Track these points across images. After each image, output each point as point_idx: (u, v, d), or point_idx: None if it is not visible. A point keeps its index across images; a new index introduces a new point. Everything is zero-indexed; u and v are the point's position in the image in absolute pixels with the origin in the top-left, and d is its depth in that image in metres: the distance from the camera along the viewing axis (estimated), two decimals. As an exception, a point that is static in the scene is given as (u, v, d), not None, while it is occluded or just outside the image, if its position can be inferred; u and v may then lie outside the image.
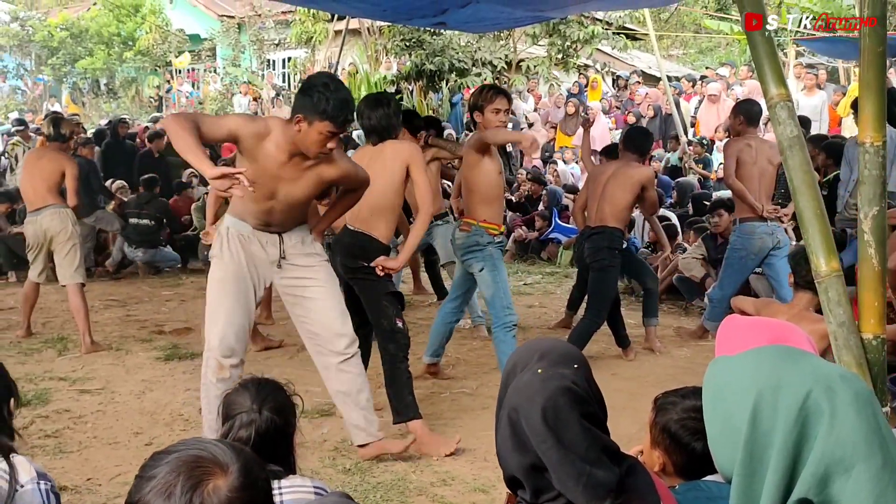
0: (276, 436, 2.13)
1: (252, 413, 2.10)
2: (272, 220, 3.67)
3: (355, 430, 3.90)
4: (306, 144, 3.39)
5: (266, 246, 3.70)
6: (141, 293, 8.04)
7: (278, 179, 3.50)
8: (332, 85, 3.36)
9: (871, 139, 2.32)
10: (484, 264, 4.73)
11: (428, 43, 14.62)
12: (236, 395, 2.18)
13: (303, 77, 19.04)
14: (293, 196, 3.58)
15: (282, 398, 2.21)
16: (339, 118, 3.32)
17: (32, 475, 2.13)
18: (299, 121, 3.34)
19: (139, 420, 4.52)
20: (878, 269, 2.29)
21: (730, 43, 20.85)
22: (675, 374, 5.28)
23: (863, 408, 1.21)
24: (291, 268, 3.74)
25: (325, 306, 3.75)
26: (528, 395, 1.52)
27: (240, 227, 3.69)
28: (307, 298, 3.76)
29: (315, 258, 3.79)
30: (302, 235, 3.78)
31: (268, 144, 3.42)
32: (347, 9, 7.47)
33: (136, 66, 22.77)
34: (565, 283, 8.53)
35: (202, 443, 1.27)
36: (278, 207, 3.61)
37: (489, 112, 4.59)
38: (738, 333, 1.72)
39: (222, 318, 3.63)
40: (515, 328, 4.76)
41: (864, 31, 2.34)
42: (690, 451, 1.92)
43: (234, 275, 3.66)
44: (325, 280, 3.79)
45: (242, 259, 3.67)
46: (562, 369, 1.54)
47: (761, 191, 5.75)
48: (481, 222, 4.73)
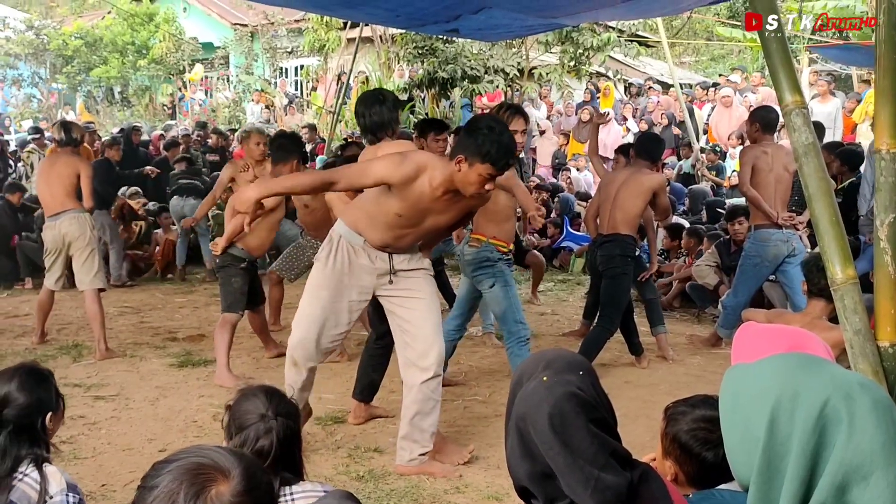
0: (293, 441, 2.13)
1: (269, 420, 2.10)
2: (397, 245, 3.73)
3: (401, 448, 3.87)
4: (464, 184, 3.42)
5: (375, 260, 3.75)
6: (154, 300, 8.07)
7: (428, 211, 3.57)
8: (497, 128, 3.39)
9: (887, 146, 2.31)
10: (495, 280, 4.70)
11: (440, 51, 14.63)
12: (245, 403, 2.16)
13: (315, 85, 19.13)
14: (438, 225, 3.67)
15: (290, 403, 2.21)
16: (500, 162, 3.35)
17: (62, 486, 2.16)
18: (460, 161, 3.37)
19: (153, 426, 4.54)
20: (894, 277, 2.27)
21: (742, 50, 20.82)
22: (689, 381, 5.27)
23: (882, 416, 1.20)
24: (401, 281, 3.79)
25: (423, 320, 3.77)
26: (534, 403, 1.52)
27: (352, 239, 3.74)
28: (410, 310, 3.80)
29: (422, 272, 3.84)
30: (411, 253, 3.82)
31: (421, 181, 3.46)
32: (362, 15, 7.49)
33: (150, 74, 22.91)
34: (577, 290, 8.52)
35: (203, 450, 1.27)
36: (414, 235, 3.69)
37: None
38: (755, 341, 1.71)
39: (304, 324, 3.73)
40: (529, 342, 4.72)
41: (880, 37, 2.33)
42: (701, 461, 1.91)
43: (332, 284, 3.71)
44: (429, 293, 3.83)
45: (346, 269, 3.72)
46: (567, 376, 1.55)
47: (777, 198, 5.72)
48: (491, 239, 4.71)
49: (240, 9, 21.79)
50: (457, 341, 5.26)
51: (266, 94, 18.99)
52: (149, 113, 22.31)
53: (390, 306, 3.85)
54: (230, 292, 5.39)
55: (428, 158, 3.51)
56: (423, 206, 3.52)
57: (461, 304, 5.18)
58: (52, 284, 6.21)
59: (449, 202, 3.53)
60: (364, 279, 3.75)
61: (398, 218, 3.57)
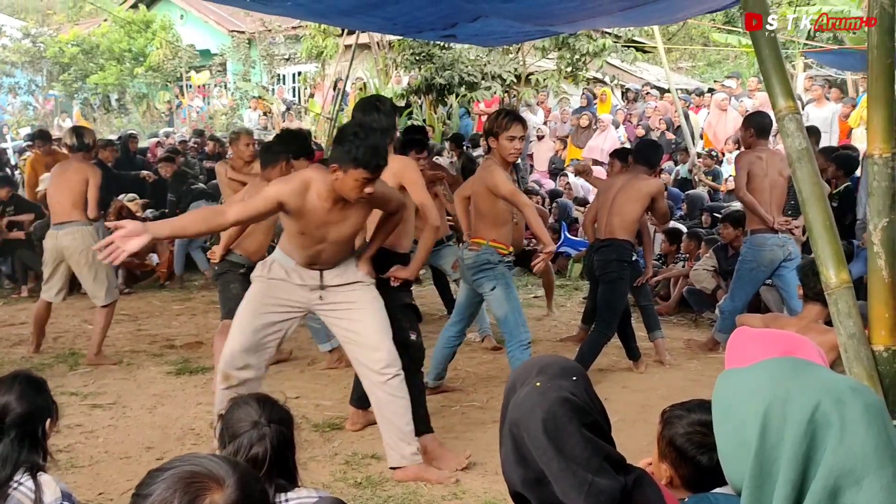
0: (287, 448, 2.14)
1: (262, 427, 2.10)
2: (319, 260, 3.81)
3: (388, 449, 3.91)
4: (346, 191, 3.51)
5: (306, 279, 3.84)
6: (151, 307, 8.07)
7: (327, 224, 3.65)
8: (361, 133, 3.48)
9: (879, 151, 2.32)
10: (496, 283, 4.70)
11: (437, 57, 14.67)
12: (238, 412, 2.16)
13: (313, 91, 19.15)
14: (343, 234, 3.74)
15: (282, 410, 2.22)
16: (371, 164, 3.44)
17: (57, 495, 2.15)
18: (335, 170, 3.48)
19: (150, 434, 4.53)
20: (888, 281, 2.28)
21: (738, 55, 20.86)
22: (686, 386, 5.27)
23: (873, 420, 1.20)
24: (332, 294, 3.85)
25: (365, 327, 3.82)
26: (527, 409, 1.53)
27: (284, 262, 3.85)
28: (349, 321, 3.86)
29: (356, 284, 3.88)
30: (344, 267, 3.88)
31: (311, 196, 3.57)
32: (358, 23, 7.51)
33: (147, 81, 22.93)
34: (575, 295, 8.52)
35: (197, 458, 1.27)
36: (328, 249, 3.77)
37: (504, 139, 4.57)
38: (748, 345, 1.72)
39: (235, 331, 3.79)
40: (531, 345, 4.72)
41: (872, 42, 2.34)
42: (696, 465, 1.92)
43: (262, 294, 3.81)
44: (367, 302, 3.86)
45: (278, 286, 3.81)
46: (560, 381, 1.55)
47: (772, 203, 5.74)
48: (491, 242, 4.72)
49: (237, 16, 21.82)
50: (456, 347, 5.26)
51: (263, 100, 19.00)
52: (146, 120, 22.33)
53: (330, 321, 3.93)
54: (229, 298, 5.37)
55: (311, 173, 3.62)
56: (320, 220, 3.62)
57: (461, 309, 5.18)
58: (51, 297, 6.10)
59: (343, 210, 3.62)
60: (296, 294, 3.83)
61: (302, 237, 3.69)
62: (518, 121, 4.63)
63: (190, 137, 14.63)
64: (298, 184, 3.56)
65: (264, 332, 3.80)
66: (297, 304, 3.86)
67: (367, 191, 3.49)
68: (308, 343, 6.13)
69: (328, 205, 3.58)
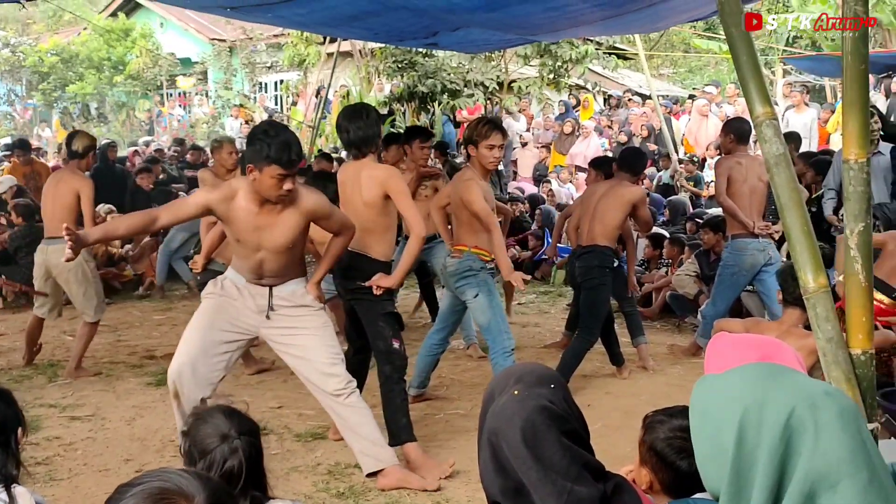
0: (258, 459, 2.10)
1: (233, 441, 2.06)
2: (264, 272, 3.80)
3: (361, 456, 3.89)
4: (266, 190, 3.53)
5: (255, 297, 3.83)
6: (131, 318, 8.00)
7: (258, 229, 3.65)
8: (271, 131, 3.54)
9: (855, 156, 2.33)
10: (479, 290, 4.69)
11: (420, 64, 14.69)
12: (204, 426, 2.11)
13: (296, 100, 19.12)
14: (277, 242, 3.70)
15: (249, 421, 2.18)
16: (283, 159, 3.45)
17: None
18: (251, 170, 3.51)
19: (130, 447, 4.49)
20: (864, 285, 2.29)
21: (718, 62, 21.03)
22: (669, 391, 5.28)
23: (848, 424, 1.21)
24: (279, 318, 3.83)
25: (312, 353, 3.81)
26: (505, 417, 1.52)
27: (236, 279, 3.85)
28: (296, 346, 3.85)
29: (304, 309, 3.86)
30: (293, 288, 3.86)
31: (238, 202, 3.60)
32: (341, 32, 7.52)
33: (127, 90, 22.82)
34: (559, 301, 8.53)
35: (166, 473, 1.25)
36: (268, 258, 3.74)
37: (483, 147, 4.57)
38: (726, 351, 1.72)
39: (183, 348, 3.77)
40: (514, 353, 4.70)
41: (847, 49, 2.36)
42: (676, 470, 1.92)
43: (212, 312, 3.79)
44: (315, 328, 3.84)
45: (229, 304, 3.81)
46: (538, 389, 1.54)
47: (752, 208, 5.77)
48: (473, 248, 4.71)
49: (218, 24, 21.76)
50: (440, 355, 5.24)
51: (245, 109, 18.95)
52: (126, 129, 22.22)
53: (278, 346, 3.91)
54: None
55: (236, 180, 3.67)
56: (250, 225, 3.62)
57: (444, 317, 5.17)
58: (43, 313, 5.97)
59: (271, 215, 3.62)
60: (246, 315, 3.82)
61: (238, 244, 3.71)
62: (498, 129, 4.63)
63: (169, 146, 14.53)
64: (226, 190, 3.62)
65: (213, 351, 3.75)
66: (246, 326, 3.83)
67: (286, 187, 3.50)
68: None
69: (255, 207, 3.59)
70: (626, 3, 5.10)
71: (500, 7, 5.04)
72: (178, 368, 3.71)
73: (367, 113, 4.22)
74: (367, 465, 3.87)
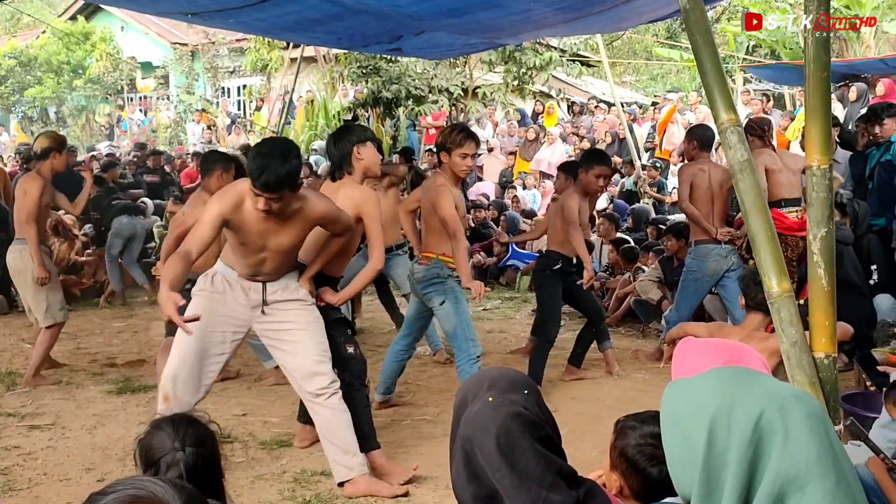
0: (205, 470, 2.06)
1: (176, 452, 2.03)
2: (262, 271, 3.79)
3: (334, 464, 3.86)
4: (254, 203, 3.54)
5: (248, 291, 3.81)
6: (92, 325, 7.87)
7: (266, 232, 3.64)
8: (252, 152, 3.55)
9: (817, 162, 2.38)
10: (445, 297, 4.69)
11: (384, 70, 14.67)
12: (152, 438, 2.09)
13: (259, 104, 18.99)
14: (283, 244, 3.71)
15: (201, 429, 2.14)
16: (255, 182, 3.46)
17: None
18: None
19: (91, 456, 4.40)
20: (827, 290, 2.33)
21: (680, 70, 21.31)
22: (635, 396, 5.32)
23: (815, 426, 1.22)
24: (273, 312, 3.83)
25: (302, 348, 3.80)
26: (479, 425, 1.52)
27: (227, 273, 3.82)
28: (286, 342, 3.84)
29: (297, 303, 3.85)
30: (286, 282, 3.85)
31: (247, 205, 3.57)
32: (303, 38, 7.49)
33: (87, 94, 22.48)
34: (524, 308, 8.56)
35: (140, 481, 1.22)
36: (270, 258, 3.75)
37: (457, 155, 4.58)
38: (693, 356, 1.73)
39: (177, 350, 3.71)
40: (480, 360, 4.70)
41: (809, 57, 2.40)
42: (646, 476, 1.93)
43: (206, 310, 3.72)
44: (306, 323, 3.83)
45: (221, 301, 3.78)
46: (511, 396, 1.54)
47: (715, 214, 5.84)
48: (441, 256, 4.71)
49: (179, 28, 21.53)
50: (405, 361, 5.23)
51: (207, 114, 18.77)
52: (85, 133, 21.89)
53: (269, 341, 3.90)
54: (174, 315, 5.26)
55: (244, 185, 3.61)
56: (259, 229, 3.62)
57: (410, 323, 5.15)
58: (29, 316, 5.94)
59: (280, 219, 3.62)
60: (238, 312, 3.81)
61: (244, 247, 3.70)
62: (472, 138, 4.66)
63: (129, 151, 14.33)
64: (234, 197, 3.58)
65: (211, 351, 3.74)
66: (239, 321, 3.82)
67: (260, 206, 3.47)
68: (255, 360, 6.04)
69: (263, 213, 3.58)
70: (587, 6, 5.15)
71: (464, 13, 5.06)
72: (174, 373, 3.68)
73: (340, 135, 4.23)
74: (339, 473, 3.84)
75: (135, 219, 9.19)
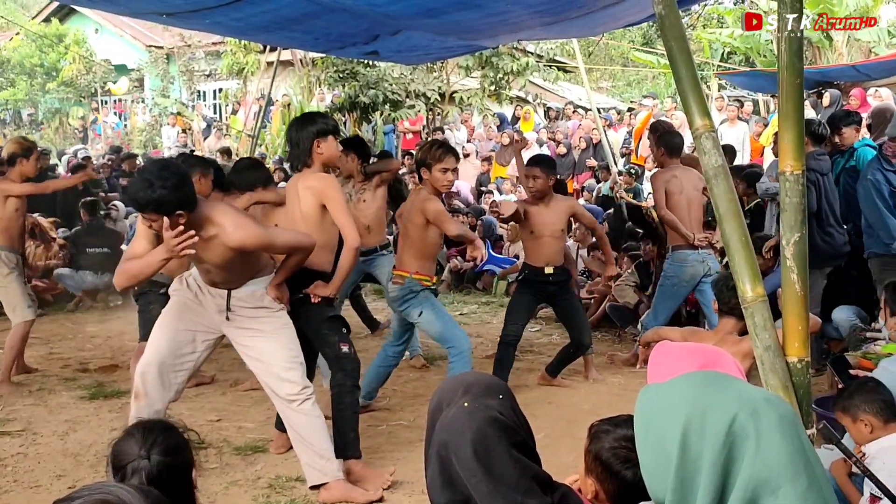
0: (171, 479, 2.03)
1: (140, 460, 2.01)
2: (214, 280, 3.79)
3: (307, 468, 3.84)
4: None
5: (215, 297, 3.81)
6: (64, 329, 7.77)
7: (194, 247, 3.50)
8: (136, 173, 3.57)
9: (791, 167, 2.40)
10: (422, 307, 4.73)
11: (362, 75, 14.65)
12: (123, 443, 2.08)
13: (236, 108, 18.87)
14: (213, 261, 3.65)
15: (173, 438, 2.11)
16: (134, 203, 3.46)
17: None
18: None
19: (62, 462, 4.34)
20: (800, 294, 2.35)
21: (656, 76, 21.47)
22: (611, 400, 5.34)
23: (787, 430, 1.23)
24: (239, 319, 3.81)
25: (270, 355, 3.77)
26: (456, 430, 1.51)
27: (198, 278, 3.83)
28: (254, 348, 3.81)
29: (263, 310, 3.82)
30: (252, 289, 3.82)
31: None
32: (279, 39, 7.44)
33: (61, 96, 22.25)
34: (500, 312, 8.54)
35: (106, 487, 1.21)
36: (213, 271, 3.72)
37: (437, 170, 4.59)
38: (669, 360, 1.74)
39: (151, 346, 3.75)
40: (471, 352, 4.78)
41: (782, 64, 2.42)
42: (621, 480, 1.93)
43: (178, 309, 3.77)
44: (274, 330, 3.81)
45: (194, 301, 3.80)
46: (487, 401, 1.54)
47: (692, 219, 5.85)
48: (413, 274, 4.74)
49: (154, 30, 21.38)
50: (392, 368, 5.24)
51: (183, 117, 18.64)
52: (59, 136, 21.65)
53: (239, 347, 3.89)
54: (148, 320, 5.17)
55: None
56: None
57: (399, 334, 5.18)
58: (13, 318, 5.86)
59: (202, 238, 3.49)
60: (208, 315, 3.81)
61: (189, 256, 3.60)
62: (451, 152, 4.68)
63: (103, 154, 14.18)
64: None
65: (180, 350, 3.75)
66: (208, 324, 3.83)
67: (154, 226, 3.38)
68: (230, 365, 5.99)
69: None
70: (564, 11, 5.18)
71: (441, 13, 5.07)
72: (144, 368, 3.68)
73: (302, 124, 4.13)
74: (312, 477, 3.82)
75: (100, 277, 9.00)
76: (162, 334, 3.75)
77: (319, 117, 4.32)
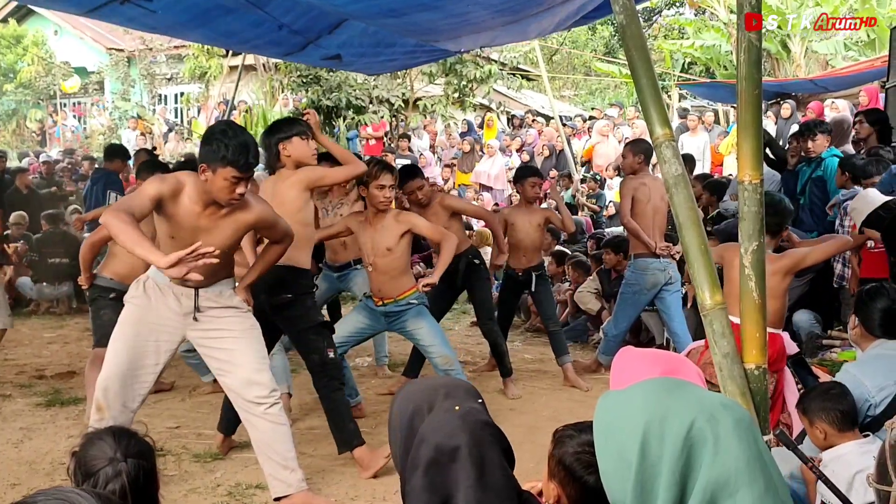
0: (146, 482, 2.02)
1: (118, 463, 1.98)
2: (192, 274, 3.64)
3: (271, 479, 3.75)
4: (215, 192, 3.40)
5: (181, 298, 3.66)
6: (20, 336, 7.61)
7: (197, 230, 3.49)
8: (229, 132, 3.39)
9: (749, 177, 2.44)
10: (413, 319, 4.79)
11: (325, 79, 14.61)
12: (91, 448, 2.03)
13: (198, 111, 18.71)
14: (213, 245, 3.49)
15: (140, 442, 2.09)
16: (239, 162, 3.33)
17: None
18: (203, 170, 3.37)
19: (17, 470, 4.25)
20: (758, 302, 2.39)
21: (618, 85, 21.71)
22: (572, 407, 5.36)
23: (744, 434, 1.25)
24: (206, 320, 3.69)
25: (239, 356, 3.68)
26: (448, 433, 1.50)
27: (159, 279, 3.65)
28: (221, 350, 3.71)
29: (231, 311, 3.73)
30: (220, 289, 3.73)
31: (183, 198, 3.45)
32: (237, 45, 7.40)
33: (18, 98, 21.85)
34: (463, 319, 8.58)
35: (63, 492, 1.19)
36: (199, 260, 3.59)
37: (374, 188, 4.56)
38: (631, 366, 1.76)
39: (110, 359, 3.60)
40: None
41: (741, 74, 2.47)
42: (584, 484, 1.94)
43: (136, 318, 3.63)
44: (242, 331, 3.72)
45: (153, 308, 3.65)
46: (471, 404, 1.55)
47: (655, 228, 5.88)
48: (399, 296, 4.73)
49: (115, 33, 21.08)
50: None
51: (143, 120, 18.41)
52: (17, 139, 21.26)
53: (204, 350, 3.77)
54: (101, 326, 5.10)
55: (184, 175, 3.53)
56: (191, 224, 3.50)
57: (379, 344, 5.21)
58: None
59: (214, 218, 3.51)
60: (170, 320, 3.68)
61: (172, 241, 3.51)
62: (387, 170, 4.65)
63: (63, 157, 13.95)
64: (174, 183, 3.44)
65: (141, 362, 3.62)
66: (171, 329, 3.69)
67: (239, 191, 3.39)
68: (190, 371, 5.92)
69: (199, 208, 3.46)
70: (525, 9, 5.20)
71: (402, 14, 5.07)
72: (105, 384, 3.56)
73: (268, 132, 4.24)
74: (276, 489, 3.74)
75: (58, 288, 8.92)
76: (122, 346, 3.61)
77: (284, 124, 4.38)
